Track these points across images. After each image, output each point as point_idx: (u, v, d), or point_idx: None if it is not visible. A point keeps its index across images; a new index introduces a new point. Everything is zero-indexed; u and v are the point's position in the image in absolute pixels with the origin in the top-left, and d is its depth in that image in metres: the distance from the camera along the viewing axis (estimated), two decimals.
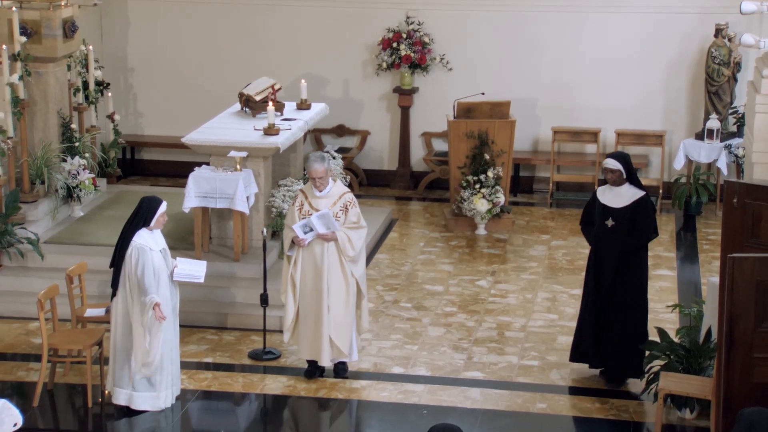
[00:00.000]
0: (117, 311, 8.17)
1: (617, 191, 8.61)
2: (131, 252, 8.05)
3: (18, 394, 8.59)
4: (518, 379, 8.95)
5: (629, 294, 8.56)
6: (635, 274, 8.58)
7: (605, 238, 8.59)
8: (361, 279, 8.70)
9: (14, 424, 7.46)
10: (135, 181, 13.72)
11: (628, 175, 8.62)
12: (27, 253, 10.34)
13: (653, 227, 8.64)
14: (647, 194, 8.67)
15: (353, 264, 8.60)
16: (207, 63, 13.88)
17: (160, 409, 8.24)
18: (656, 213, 8.76)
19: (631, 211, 8.54)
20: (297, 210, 8.62)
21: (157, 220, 8.17)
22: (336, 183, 8.70)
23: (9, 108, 10.48)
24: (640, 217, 8.55)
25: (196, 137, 10.61)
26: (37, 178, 10.97)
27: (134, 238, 8.08)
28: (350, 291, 8.64)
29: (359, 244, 8.58)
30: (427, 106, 13.66)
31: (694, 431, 8.15)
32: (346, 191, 8.68)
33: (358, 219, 8.62)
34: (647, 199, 8.63)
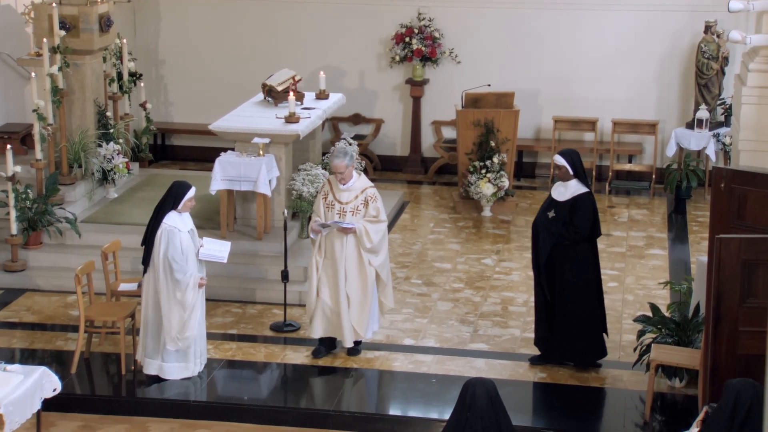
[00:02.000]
0: (148, 287, 8.19)
1: (566, 186, 8.39)
2: (160, 234, 8.06)
3: (57, 362, 8.63)
4: (520, 350, 8.94)
5: (573, 287, 8.30)
6: (578, 269, 8.31)
7: (543, 228, 8.38)
8: (381, 268, 8.51)
9: (53, 389, 7.53)
10: (165, 166, 13.72)
11: (574, 172, 8.33)
12: (65, 232, 10.37)
13: (589, 224, 8.26)
14: (590, 192, 8.35)
15: (372, 254, 8.44)
16: (232, 56, 13.86)
17: (187, 377, 8.27)
18: (597, 212, 8.38)
19: (570, 205, 8.31)
20: (322, 198, 8.47)
21: (184, 203, 8.16)
22: (360, 177, 8.50)
23: (49, 97, 10.49)
24: (576, 212, 8.27)
25: (222, 124, 10.61)
26: (75, 162, 10.99)
27: (164, 220, 8.09)
28: (369, 280, 8.47)
29: (377, 237, 8.39)
30: (437, 97, 13.61)
31: (683, 399, 8.14)
32: (368, 186, 8.48)
33: (377, 213, 8.42)
34: (587, 197, 8.32)
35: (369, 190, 8.44)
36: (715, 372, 6.85)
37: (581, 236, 8.32)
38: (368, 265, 8.44)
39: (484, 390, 5.74)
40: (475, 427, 5.65)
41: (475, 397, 5.69)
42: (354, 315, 8.50)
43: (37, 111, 10.30)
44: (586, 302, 8.38)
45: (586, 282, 8.38)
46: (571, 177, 8.37)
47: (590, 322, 8.43)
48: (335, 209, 8.40)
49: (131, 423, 8.00)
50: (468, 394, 5.72)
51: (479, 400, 5.69)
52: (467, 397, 5.71)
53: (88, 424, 7.98)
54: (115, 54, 12.02)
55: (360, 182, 8.46)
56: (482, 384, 5.78)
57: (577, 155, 8.44)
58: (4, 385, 7.10)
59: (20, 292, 9.98)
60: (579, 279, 8.35)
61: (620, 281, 10.42)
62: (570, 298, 8.35)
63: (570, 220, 8.28)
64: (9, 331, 9.23)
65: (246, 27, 13.81)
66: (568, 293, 8.35)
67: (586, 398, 8.20)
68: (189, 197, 8.16)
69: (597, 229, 8.43)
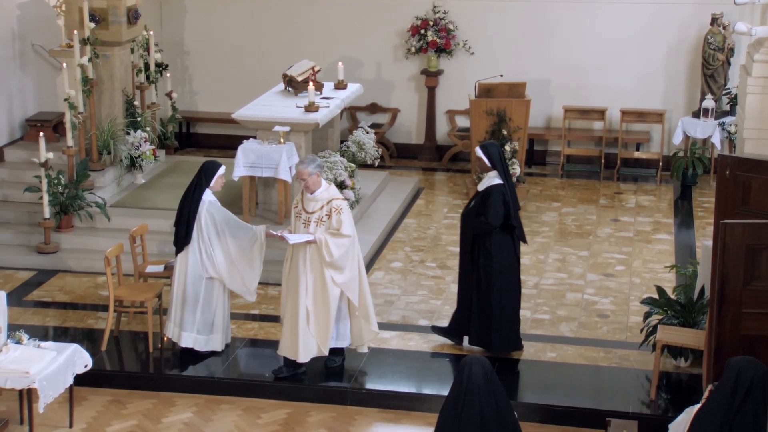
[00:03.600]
0: (186, 263, 8.21)
1: (486, 177, 8.30)
2: (205, 209, 8.11)
3: (88, 339, 8.69)
4: (531, 331, 8.94)
5: (488, 276, 8.23)
6: (494, 258, 8.20)
7: (466, 217, 8.37)
8: (348, 289, 7.83)
9: (85, 365, 7.59)
10: (190, 153, 13.75)
11: (492, 164, 8.22)
12: (95, 216, 10.42)
13: (499, 215, 8.10)
14: (501, 185, 8.18)
15: (334, 270, 7.76)
16: (254, 47, 13.86)
17: (217, 350, 8.33)
18: (509, 203, 8.12)
19: (482, 196, 8.26)
20: (293, 206, 7.99)
21: (216, 180, 8.22)
22: (329, 187, 7.84)
23: (80, 87, 10.53)
24: (485, 203, 8.19)
25: (244, 113, 10.62)
26: (104, 149, 11.03)
27: (203, 197, 8.15)
28: (330, 297, 7.78)
29: (337, 252, 7.71)
30: (451, 87, 13.57)
31: (688, 378, 8.13)
32: (336, 197, 7.80)
33: (339, 226, 7.72)
34: (496, 189, 8.16)
35: (335, 202, 7.77)
36: (720, 352, 6.83)
37: (491, 227, 8.17)
38: (331, 281, 7.77)
39: (480, 368, 5.73)
40: (473, 403, 5.64)
41: (472, 375, 5.68)
42: (313, 329, 7.87)
43: (69, 100, 10.34)
44: (501, 292, 8.25)
45: (501, 270, 8.24)
46: (489, 168, 8.25)
47: (503, 312, 8.29)
48: (301, 218, 7.85)
49: (158, 398, 8.05)
50: (465, 373, 5.70)
51: (476, 377, 5.68)
52: (464, 376, 5.69)
53: (117, 399, 8.04)
54: (143, 45, 12.05)
55: (327, 193, 7.81)
56: (478, 362, 5.77)
57: (495, 147, 8.29)
58: (38, 361, 7.17)
59: (53, 273, 10.05)
60: (493, 267, 8.22)
61: (627, 265, 10.39)
62: (485, 286, 8.25)
63: (482, 211, 8.19)
64: (42, 310, 9.30)
65: (268, 20, 13.80)
66: (484, 281, 8.26)
67: (594, 377, 8.20)
68: (220, 174, 8.24)
69: (510, 220, 8.23)
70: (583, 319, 9.13)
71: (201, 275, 8.19)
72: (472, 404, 5.63)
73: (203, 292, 8.22)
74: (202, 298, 8.22)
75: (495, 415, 5.67)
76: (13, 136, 11.52)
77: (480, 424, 5.62)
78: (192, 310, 8.25)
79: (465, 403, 5.63)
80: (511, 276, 8.31)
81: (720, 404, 5.62)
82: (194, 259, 8.18)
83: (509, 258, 8.29)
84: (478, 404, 5.63)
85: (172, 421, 7.74)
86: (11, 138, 11.50)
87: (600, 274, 10.14)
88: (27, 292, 9.63)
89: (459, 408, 5.64)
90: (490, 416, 5.64)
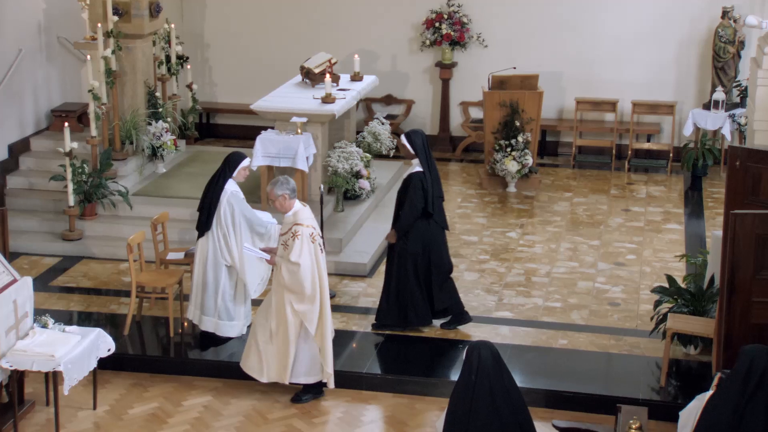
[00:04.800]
0: (206, 249, 8.22)
1: (411, 165, 8.32)
2: (225, 199, 8.12)
3: (111, 324, 8.72)
4: (543, 318, 8.91)
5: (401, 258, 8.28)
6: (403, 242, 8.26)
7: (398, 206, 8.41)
8: (306, 317, 7.42)
9: (108, 349, 7.62)
10: (210, 143, 13.76)
11: (415, 151, 8.19)
12: (118, 204, 10.45)
13: (418, 203, 8.13)
14: (421, 172, 8.16)
15: (292, 295, 7.41)
16: (273, 40, 13.84)
17: (237, 335, 8.36)
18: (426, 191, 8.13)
19: (403, 184, 8.29)
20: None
21: (239, 171, 8.23)
22: (299, 211, 7.46)
23: (103, 78, 10.54)
24: (407, 191, 8.21)
25: (263, 104, 10.61)
26: (127, 139, 11.05)
27: (225, 186, 8.16)
28: (288, 321, 7.43)
29: (287, 277, 7.36)
30: (465, 79, 13.52)
31: (697, 365, 8.09)
32: (299, 223, 7.40)
33: (289, 252, 7.36)
34: (416, 176, 8.16)
35: (295, 227, 7.38)
36: (729, 340, 6.80)
37: (412, 217, 8.18)
38: (289, 306, 7.41)
39: (489, 351, 5.75)
40: (483, 386, 5.64)
41: (482, 359, 5.70)
42: (272, 351, 7.54)
43: (92, 91, 10.36)
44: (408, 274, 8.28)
45: (416, 254, 8.26)
46: (413, 156, 8.25)
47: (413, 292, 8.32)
48: (281, 238, 7.59)
49: (179, 381, 8.08)
50: (474, 356, 5.71)
51: (485, 361, 5.69)
52: (474, 360, 5.70)
53: (139, 382, 8.07)
54: (164, 38, 12.05)
55: (294, 216, 7.45)
56: (486, 346, 5.79)
57: (419, 136, 8.26)
58: (63, 345, 7.20)
59: (77, 259, 10.09)
60: (408, 251, 8.25)
61: (638, 254, 10.34)
62: (400, 269, 8.28)
63: (403, 198, 8.22)
64: (67, 295, 9.34)
65: (285, 13, 13.78)
66: (397, 264, 8.28)
67: (605, 364, 8.16)
68: (243, 165, 8.25)
69: (429, 207, 8.22)
70: (594, 307, 9.09)
71: (220, 261, 8.21)
72: (483, 387, 5.64)
73: (223, 278, 8.24)
74: (222, 284, 8.24)
75: (504, 396, 5.68)
76: (39, 126, 11.56)
77: (491, 405, 5.63)
78: (212, 295, 8.27)
79: (476, 386, 5.63)
80: (425, 258, 8.30)
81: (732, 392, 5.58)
82: (213, 245, 8.21)
83: (426, 243, 8.29)
84: (488, 386, 5.64)
85: (192, 404, 7.77)
86: (37, 128, 11.54)
87: (611, 263, 10.10)
88: (52, 278, 9.67)
89: (470, 391, 5.64)
90: (500, 397, 5.65)
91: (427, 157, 8.25)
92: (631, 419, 6.11)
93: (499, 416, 5.65)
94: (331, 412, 7.66)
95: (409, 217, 8.23)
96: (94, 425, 7.48)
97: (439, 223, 8.35)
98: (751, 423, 5.55)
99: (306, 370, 7.60)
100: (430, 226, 8.32)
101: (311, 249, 7.40)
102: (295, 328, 7.48)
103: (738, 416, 5.58)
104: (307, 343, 7.56)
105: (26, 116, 11.38)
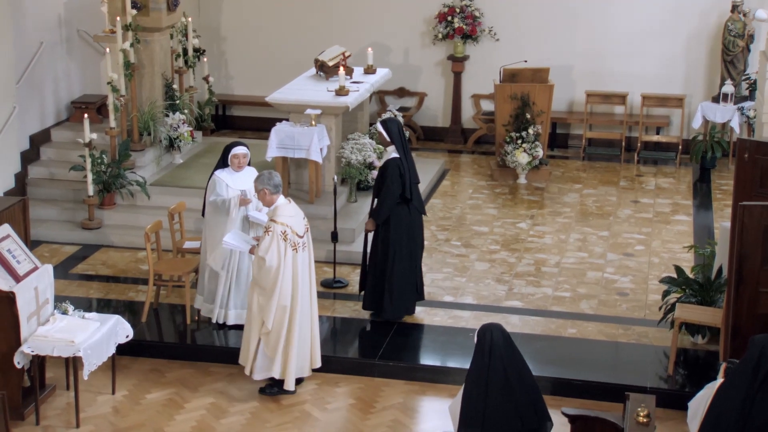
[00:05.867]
0: (204, 236, 8.28)
1: (386, 152, 8.30)
2: (209, 183, 8.19)
3: (129, 311, 8.76)
4: (552, 307, 8.90)
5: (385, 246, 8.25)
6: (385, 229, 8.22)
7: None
8: (263, 311, 7.32)
9: (126, 336, 7.66)
10: (226, 134, 13.77)
11: (390, 138, 8.16)
12: (136, 194, 10.48)
13: (394, 189, 8.07)
14: (397, 158, 8.11)
15: (257, 287, 7.35)
16: (288, 33, 13.83)
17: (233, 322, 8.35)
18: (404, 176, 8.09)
19: (380, 170, 8.26)
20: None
21: (230, 158, 8.24)
22: (278, 208, 7.36)
23: (122, 71, 10.56)
24: (383, 178, 8.16)
25: (277, 97, 10.61)
26: (145, 130, 11.07)
27: (215, 173, 8.20)
28: (251, 311, 7.40)
29: (255, 269, 7.32)
30: (476, 72, 13.48)
31: (704, 354, 8.06)
32: (274, 219, 7.32)
33: (257, 248, 7.33)
34: (392, 162, 8.11)
35: (269, 222, 7.33)
36: (737, 330, 6.77)
37: (389, 203, 8.14)
38: (255, 297, 7.36)
39: (499, 332, 5.73)
40: (498, 368, 5.64)
41: (494, 340, 5.69)
42: (245, 336, 7.54)
43: (111, 83, 10.38)
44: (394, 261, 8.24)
45: (398, 240, 8.22)
46: (389, 143, 8.24)
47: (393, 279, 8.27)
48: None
49: (195, 367, 8.11)
50: (486, 339, 5.70)
51: (497, 342, 5.69)
52: (486, 342, 5.69)
53: (156, 368, 8.10)
54: (181, 31, 12.05)
55: (273, 212, 7.37)
56: (497, 328, 5.77)
57: (395, 123, 8.24)
58: (83, 331, 7.24)
59: (96, 247, 10.13)
60: (390, 238, 8.20)
61: (647, 245, 10.30)
62: (381, 256, 8.25)
63: (380, 184, 8.18)
64: (86, 282, 9.38)
65: (300, 7, 13.76)
66: (380, 251, 8.26)
67: (613, 353, 8.15)
68: (233, 153, 8.24)
69: (406, 193, 8.18)
70: (603, 297, 9.07)
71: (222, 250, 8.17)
72: (497, 369, 5.63)
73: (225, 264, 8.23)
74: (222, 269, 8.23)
75: (518, 377, 5.68)
76: (59, 118, 11.60)
77: (506, 386, 5.63)
78: (208, 279, 8.30)
79: (490, 368, 5.63)
80: (407, 245, 8.26)
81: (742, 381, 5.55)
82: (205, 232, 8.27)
83: (406, 228, 8.26)
84: (502, 368, 5.64)
85: (208, 389, 7.79)
86: (58, 119, 11.58)
87: (620, 254, 10.07)
88: (72, 266, 9.72)
89: (485, 373, 5.64)
90: (514, 378, 5.65)
91: (403, 143, 8.24)
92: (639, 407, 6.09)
93: (513, 397, 5.65)
94: (344, 399, 7.67)
95: (387, 204, 8.18)
96: (113, 409, 7.52)
97: (417, 208, 8.34)
98: (761, 411, 5.52)
99: (260, 366, 7.51)
100: (410, 211, 8.30)
101: (280, 246, 7.28)
102: (258, 321, 7.41)
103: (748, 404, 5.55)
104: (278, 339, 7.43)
105: (47, 108, 11.42)
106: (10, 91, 10.29)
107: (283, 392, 7.63)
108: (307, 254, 7.51)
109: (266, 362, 7.51)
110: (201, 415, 7.45)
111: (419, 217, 8.42)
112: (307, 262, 7.50)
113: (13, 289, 7.00)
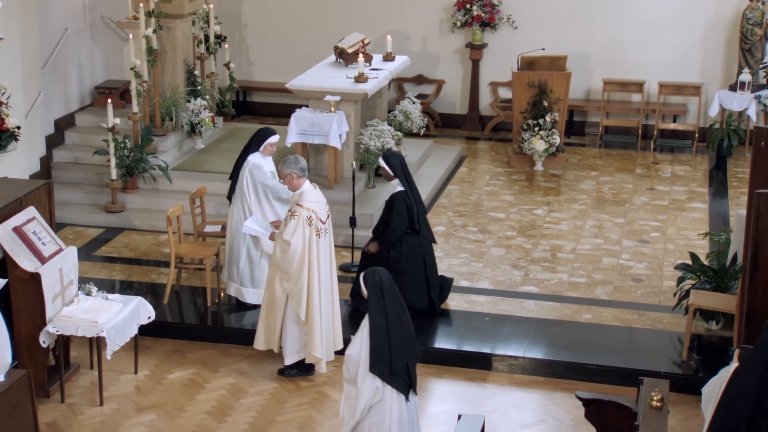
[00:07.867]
0: (232, 217, 8.30)
1: (390, 186, 8.32)
2: (245, 169, 8.16)
3: (151, 293, 8.82)
4: (567, 293, 8.89)
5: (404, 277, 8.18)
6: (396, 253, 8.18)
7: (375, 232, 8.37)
8: (293, 297, 7.32)
9: (148, 317, 7.71)
10: (246, 120, 13.80)
11: (394, 173, 8.16)
12: (158, 178, 10.52)
13: (402, 223, 8.10)
14: (403, 192, 8.14)
15: (281, 272, 7.33)
16: (308, 20, 13.81)
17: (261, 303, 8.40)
18: (411, 209, 8.11)
19: (386, 204, 8.26)
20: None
21: (265, 146, 8.24)
22: (304, 193, 7.36)
23: (145, 57, 10.59)
24: (390, 212, 8.18)
25: (297, 83, 10.61)
26: (167, 115, 11.11)
27: (249, 158, 8.20)
28: (273, 294, 7.41)
29: (279, 254, 7.29)
30: (494, 60, 13.42)
31: (718, 340, 8.03)
32: (298, 203, 7.32)
33: (281, 232, 7.33)
34: (398, 196, 8.14)
35: (295, 207, 7.30)
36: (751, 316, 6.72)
37: (396, 235, 8.17)
38: (278, 281, 7.35)
39: (385, 274, 5.79)
40: (390, 305, 5.71)
41: (383, 282, 5.75)
42: (262, 320, 7.56)
43: (134, 69, 10.41)
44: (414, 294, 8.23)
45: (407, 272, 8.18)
46: (392, 177, 8.24)
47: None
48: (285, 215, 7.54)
49: (215, 348, 8.16)
50: (377, 281, 5.74)
51: (386, 283, 5.76)
52: (377, 284, 5.73)
53: (178, 348, 8.16)
54: (203, 18, 12.06)
55: (300, 197, 7.35)
56: (381, 270, 5.81)
57: (396, 157, 8.25)
58: (106, 312, 7.30)
59: (119, 230, 10.20)
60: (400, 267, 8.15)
61: (662, 232, 10.25)
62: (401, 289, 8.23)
63: (388, 218, 8.19)
64: (110, 264, 9.45)
65: None
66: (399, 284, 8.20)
67: (628, 338, 8.13)
68: (270, 141, 8.25)
69: (415, 225, 8.20)
70: (618, 283, 9.05)
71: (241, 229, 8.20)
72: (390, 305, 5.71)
73: (244, 246, 8.27)
74: (243, 251, 8.27)
75: (402, 308, 5.81)
76: (83, 103, 11.67)
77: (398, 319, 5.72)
78: (235, 261, 8.36)
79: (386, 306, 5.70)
80: (414, 274, 8.27)
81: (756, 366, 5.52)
82: (237, 214, 8.27)
83: (418, 259, 8.26)
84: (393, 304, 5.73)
85: (228, 370, 7.85)
86: (82, 104, 11.65)
87: (635, 240, 10.03)
88: (96, 248, 9.79)
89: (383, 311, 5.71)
90: (401, 310, 5.78)
91: (406, 175, 8.29)
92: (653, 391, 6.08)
93: (407, 326, 5.79)
94: None
95: (393, 236, 8.22)
96: (135, 388, 7.59)
97: (427, 237, 8.37)
98: None
99: (290, 350, 7.56)
100: (421, 240, 8.32)
101: (305, 231, 7.27)
102: (282, 304, 7.42)
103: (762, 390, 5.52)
104: (296, 323, 7.48)
105: (71, 93, 11.48)
106: (35, 76, 10.34)
107: (302, 374, 7.67)
108: (329, 239, 7.53)
109: (295, 345, 7.53)
110: (221, 395, 7.50)
111: (429, 246, 8.41)
112: (328, 248, 7.51)
113: (39, 270, 7.06)
